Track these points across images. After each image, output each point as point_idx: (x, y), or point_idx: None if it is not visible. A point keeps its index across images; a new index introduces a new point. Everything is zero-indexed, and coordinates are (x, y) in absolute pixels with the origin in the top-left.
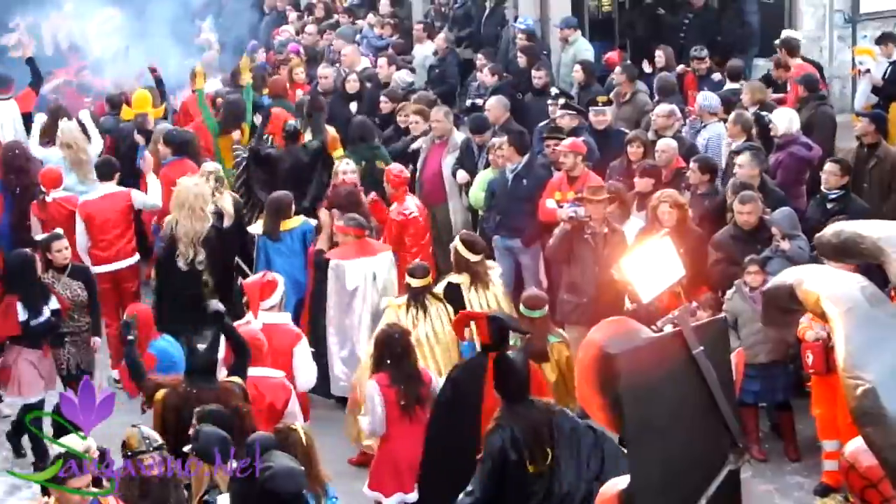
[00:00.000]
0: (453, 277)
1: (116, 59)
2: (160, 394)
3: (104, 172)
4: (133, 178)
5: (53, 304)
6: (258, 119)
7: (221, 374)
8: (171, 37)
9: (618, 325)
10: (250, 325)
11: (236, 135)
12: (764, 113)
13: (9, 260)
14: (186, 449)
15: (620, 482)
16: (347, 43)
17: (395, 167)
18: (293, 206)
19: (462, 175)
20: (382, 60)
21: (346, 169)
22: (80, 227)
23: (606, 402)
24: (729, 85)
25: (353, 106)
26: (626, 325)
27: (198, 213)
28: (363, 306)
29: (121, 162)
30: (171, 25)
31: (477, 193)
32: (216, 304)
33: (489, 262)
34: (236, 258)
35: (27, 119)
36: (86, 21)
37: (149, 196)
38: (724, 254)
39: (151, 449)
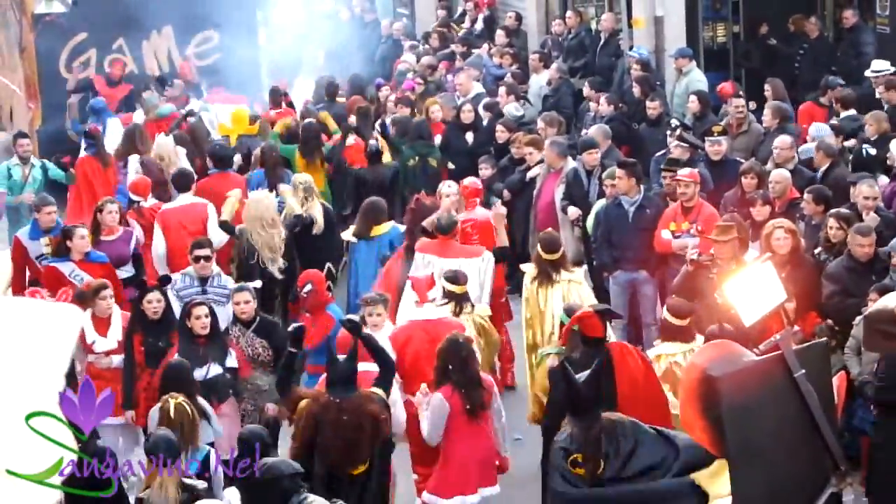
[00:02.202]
0: (525, 266)
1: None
2: (303, 403)
3: (181, 184)
4: None
5: (232, 361)
6: None
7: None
8: (287, 60)
9: (720, 349)
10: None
11: None
12: (865, 146)
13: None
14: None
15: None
16: (475, 71)
17: (468, 180)
18: (385, 212)
19: (573, 211)
20: (502, 90)
21: (448, 192)
22: (157, 234)
23: (708, 423)
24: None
25: (469, 135)
26: (728, 349)
27: (269, 222)
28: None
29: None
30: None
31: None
32: (353, 317)
33: (575, 269)
34: (328, 264)
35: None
36: (185, 41)
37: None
38: (838, 286)
39: None
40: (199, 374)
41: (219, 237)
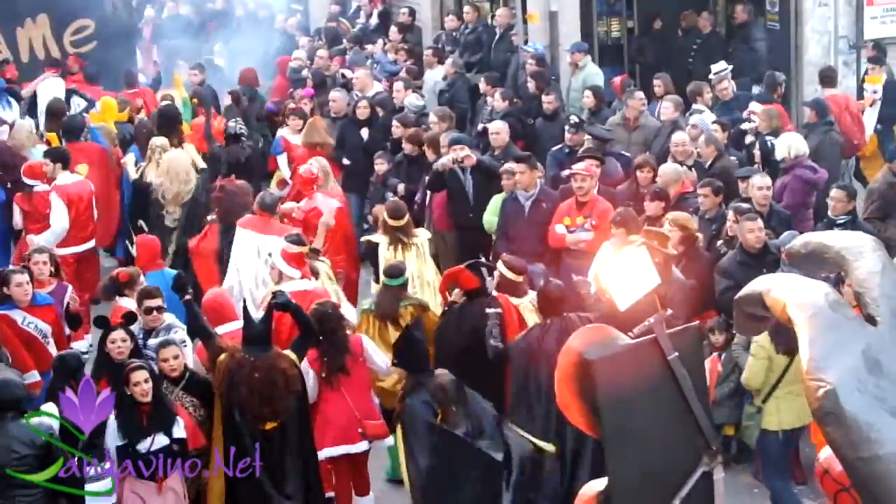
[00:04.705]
0: (374, 237)
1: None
2: (220, 359)
3: (63, 161)
4: None
5: (179, 430)
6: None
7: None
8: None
9: (596, 332)
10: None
11: None
12: (769, 138)
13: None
14: None
15: (598, 484)
16: (359, 68)
17: (303, 168)
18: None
19: (401, 187)
20: (399, 85)
21: (309, 168)
22: (61, 210)
23: (586, 407)
24: (828, 91)
25: (364, 131)
26: (604, 332)
27: (182, 177)
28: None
29: None
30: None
31: (491, 218)
32: (282, 294)
33: (419, 231)
34: (140, 221)
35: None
36: (61, 30)
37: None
38: (731, 280)
39: None
40: (142, 446)
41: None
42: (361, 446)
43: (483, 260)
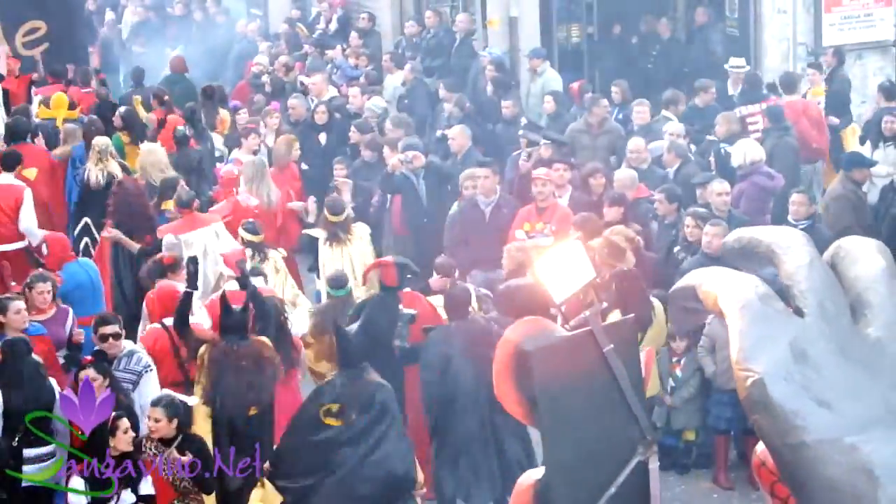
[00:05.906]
0: (313, 231)
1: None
2: (203, 350)
3: (8, 163)
4: None
5: (146, 487)
6: None
7: None
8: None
9: (533, 325)
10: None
11: None
12: (723, 145)
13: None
14: None
15: (535, 473)
16: (316, 73)
17: (224, 168)
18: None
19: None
20: (355, 90)
21: (230, 169)
22: None
23: (523, 397)
24: (787, 97)
25: (322, 136)
26: (540, 325)
27: (162, 167)
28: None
29: None
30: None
31: None
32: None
33: (357, 225)
34: (86, 219)
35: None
36: (12, 31)
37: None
38: None
39: None
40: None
41: (29, 224)
42: None
43: (407, 263)
